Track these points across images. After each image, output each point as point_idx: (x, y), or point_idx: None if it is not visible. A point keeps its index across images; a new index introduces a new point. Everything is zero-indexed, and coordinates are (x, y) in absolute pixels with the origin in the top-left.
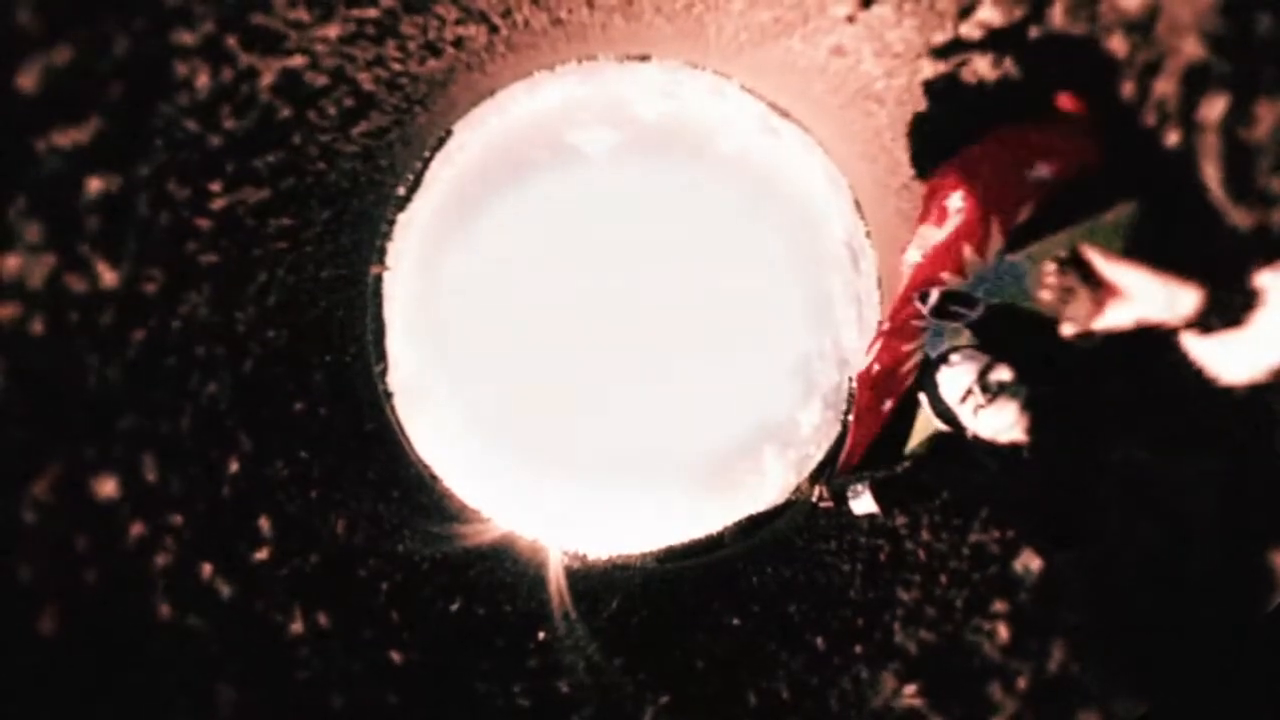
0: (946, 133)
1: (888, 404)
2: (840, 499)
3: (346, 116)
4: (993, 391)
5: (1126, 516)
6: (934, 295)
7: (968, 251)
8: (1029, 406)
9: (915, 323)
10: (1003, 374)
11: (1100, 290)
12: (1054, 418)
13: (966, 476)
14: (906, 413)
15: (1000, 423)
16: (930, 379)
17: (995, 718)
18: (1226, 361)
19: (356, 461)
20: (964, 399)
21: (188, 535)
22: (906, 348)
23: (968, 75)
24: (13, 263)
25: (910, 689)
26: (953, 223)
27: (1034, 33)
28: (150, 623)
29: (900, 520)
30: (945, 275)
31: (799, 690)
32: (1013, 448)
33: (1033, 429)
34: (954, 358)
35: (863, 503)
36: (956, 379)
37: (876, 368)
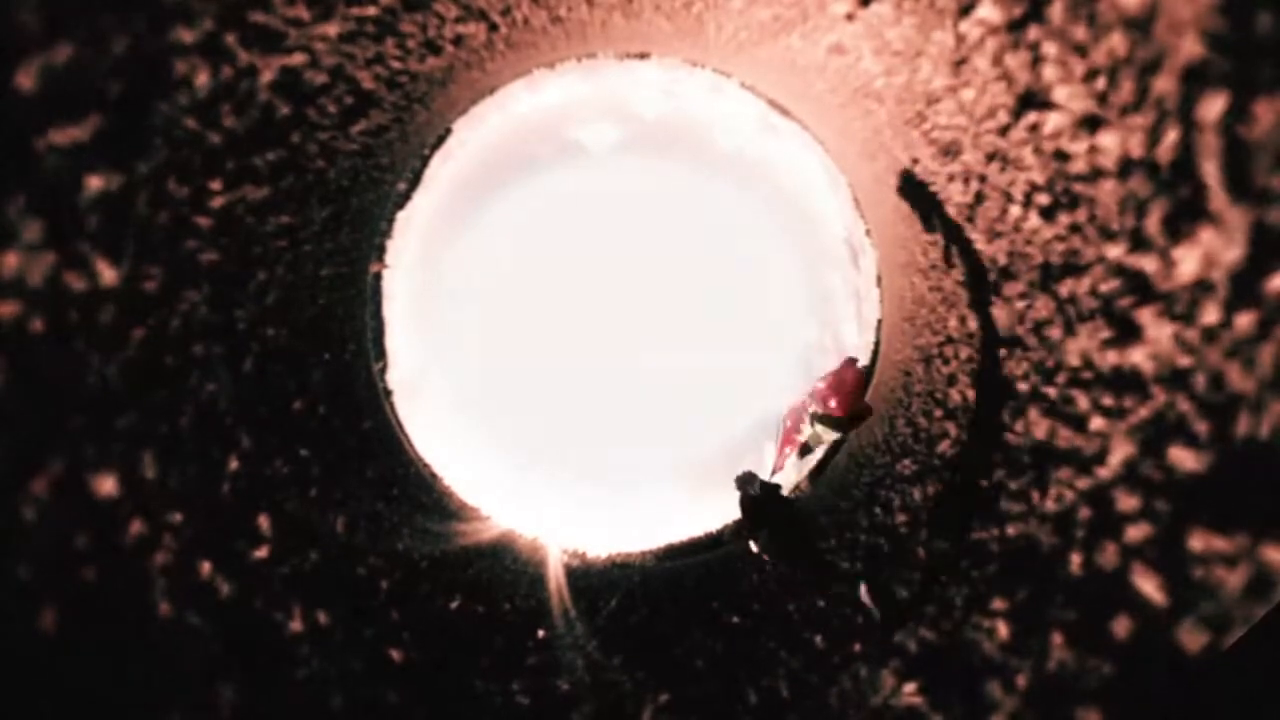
0: (945, 132)
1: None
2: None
3: (346, 114)
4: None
5: None
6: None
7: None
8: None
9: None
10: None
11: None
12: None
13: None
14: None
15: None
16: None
17: (994, 715)
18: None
19: (356, 460)
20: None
21: (187, 533)
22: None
23: (967, 74)
24: (12, 261)
25: (910, 687)
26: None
27: (1033, 32)
28: (150, 621)
29: (901, 518)
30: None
31: (799, 688)
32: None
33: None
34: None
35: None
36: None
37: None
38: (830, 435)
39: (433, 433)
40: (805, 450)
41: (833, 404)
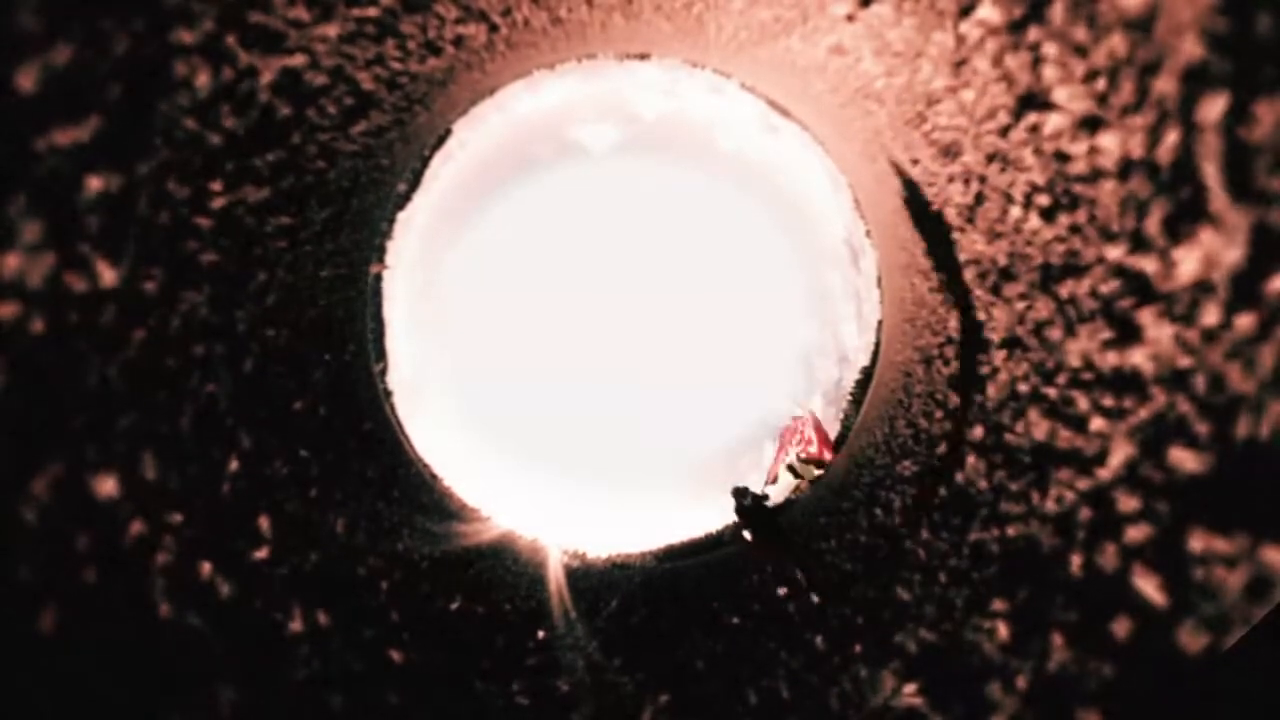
0: (945, 133)
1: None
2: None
3: (346, 115)
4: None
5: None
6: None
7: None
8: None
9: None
10: (746, 500)
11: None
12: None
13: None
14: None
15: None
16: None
17: (995, 716)
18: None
19: (356, 460)
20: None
21: (187, 534)
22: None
23: (967, 74)
24: (13, 262)
25: (910, 688)
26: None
27: (1034, 33)
28: (150, 621)
29: (899, 520)
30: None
31: (799, 689)
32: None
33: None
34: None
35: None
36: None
37: (778, 468)
38: (812, 472)
39: (433, 433)
40: (793, 473)
41: (813, 448)
